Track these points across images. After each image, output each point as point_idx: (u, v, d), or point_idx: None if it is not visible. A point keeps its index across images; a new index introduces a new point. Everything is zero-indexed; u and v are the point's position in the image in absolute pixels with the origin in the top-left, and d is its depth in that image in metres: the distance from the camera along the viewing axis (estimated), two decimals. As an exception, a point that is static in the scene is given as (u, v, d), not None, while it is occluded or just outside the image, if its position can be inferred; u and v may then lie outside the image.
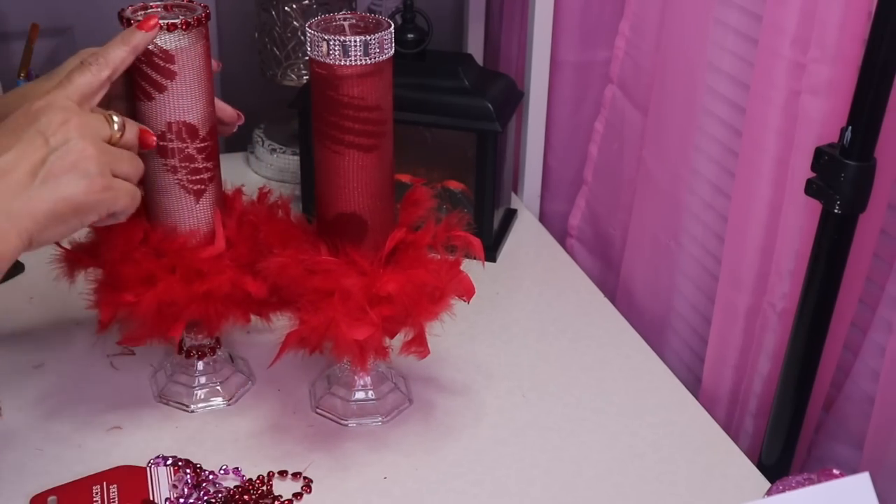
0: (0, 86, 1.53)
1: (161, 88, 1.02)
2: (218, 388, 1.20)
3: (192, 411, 1.18)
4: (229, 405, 1.19)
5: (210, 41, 1.05)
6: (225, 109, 1.12)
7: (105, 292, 1.08)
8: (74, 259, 1.12)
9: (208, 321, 1.10)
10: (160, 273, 1.06)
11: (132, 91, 1.04)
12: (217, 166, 1.10)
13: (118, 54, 0.98)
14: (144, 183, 1.06)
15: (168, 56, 1.01)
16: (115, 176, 0.94)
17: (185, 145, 1.05)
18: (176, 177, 1.06)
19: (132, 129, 0.97)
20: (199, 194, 1.08)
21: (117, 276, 1.07)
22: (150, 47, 1.00)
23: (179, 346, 1.19)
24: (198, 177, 1.07)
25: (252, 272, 1.08)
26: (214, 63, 1.08)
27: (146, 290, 1.06)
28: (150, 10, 1.03)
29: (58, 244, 1.10)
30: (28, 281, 1.38)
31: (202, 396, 1.19)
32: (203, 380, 1.19)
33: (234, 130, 1.15)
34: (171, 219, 1.08)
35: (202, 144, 1.06)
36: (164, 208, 1.08)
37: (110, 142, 0.95)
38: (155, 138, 1.02)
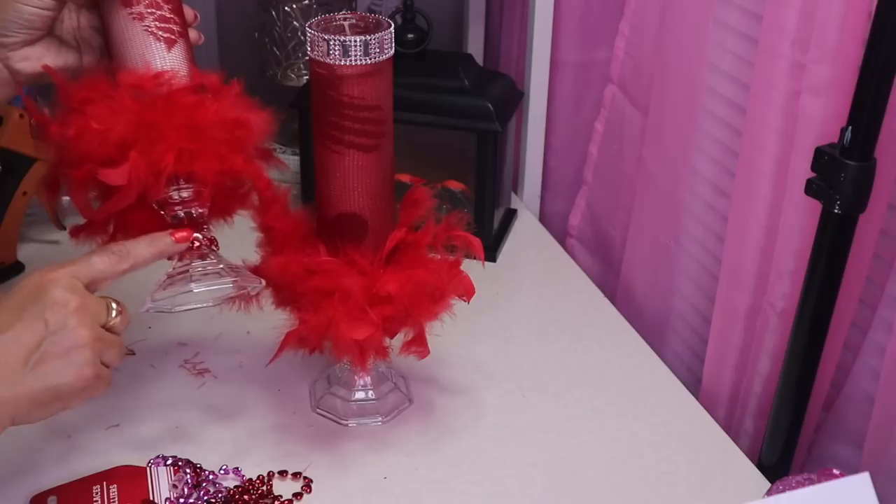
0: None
1: None
2: (192, 287, 1.06)
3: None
4: (214, 304, 1.08)
5: None
6: (186, 10, 1.05)
7: (65, 115, 0.98)
8: (46, 123, 1.01)
9: (200, 161, 0.99)
10: (134, 105, 0.97)
11: None
12: (184, 35, 1.03)
13: (142, 253, 0.98)
14: (113, 44, 1.01)
15: None
16: (101, 363, 0.93)
17: None
18: (143, 24, 1.00)
19: (124, 319, 0.96)
20: (170, 43, 1.02)
21: (83, 111, 0.97)
22: None
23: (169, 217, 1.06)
24: (166, 25, 1.01)
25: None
26: (190, 13, 1.04)
27: (120, 117, 0.96)
28: None
29: (29, 102, 1.04)
30: (28, 281, 1.38)
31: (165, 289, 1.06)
32: (198, 270, 1.06)
33: (195, 39, 1.06)
34: (140, 66, 1.01)
35: None
36: (133, 58, 1.01)
37: (105, 327, 0.94)
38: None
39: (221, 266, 1.07)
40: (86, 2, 1.03)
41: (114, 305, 0.95)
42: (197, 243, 1.04)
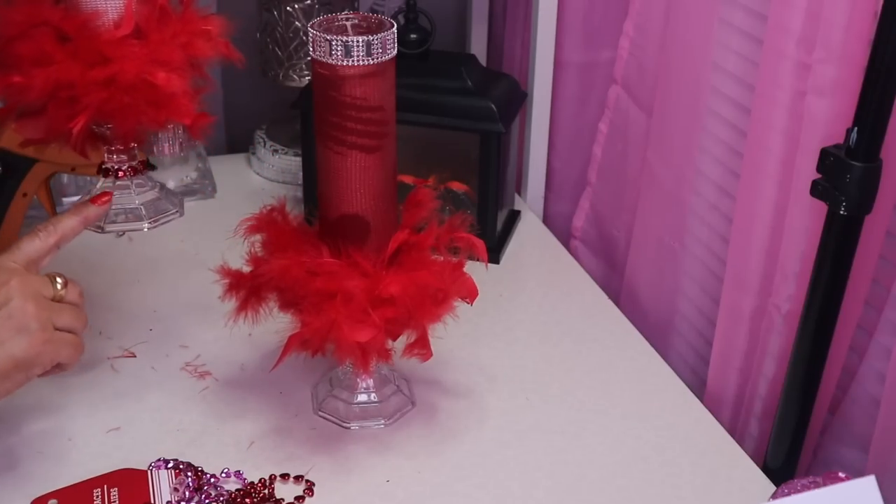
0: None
1: None
2: (139, 207, 1.12)
3: (106, 231, 1.11)
4: (150, 227, 1.12)
5: None
6: None
7: None
8: None
9: (115, 117, 1.01)
10: (58, 55, 0.98)
11: None
12: None
13: (68, 223, 1.04)
14: None
15: None
16: (57, 329, 0.97)
17: None
18: None
19: (74, 287, 1.01)
20: None
21: (13, 55, 0.98)
22: None
23: (100, 167, 1.11)
24: None
25: (165, 68, 1.01)
26: None
27: (41, 70, 0.97)
28: None
29: None
30: (29, 283, 1.38)
31: (116, 212, 1.11)
32: (124, 199, 1.12)
33: None
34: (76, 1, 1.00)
35: None
36: None
37: (53, 299, 0.98)
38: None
39: (153, 190, 1.13)
40: None
41: (58, 279, 1.00)
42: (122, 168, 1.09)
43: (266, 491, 1.06)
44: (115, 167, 1.11)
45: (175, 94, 1.02)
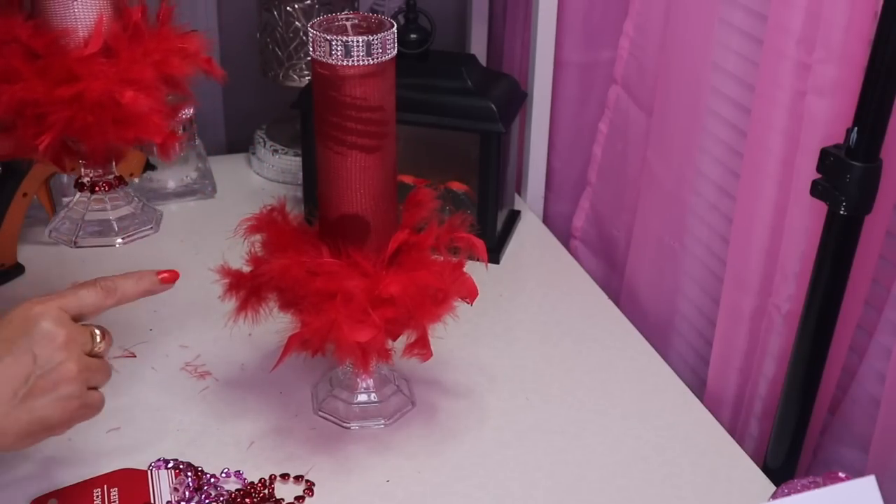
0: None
1: None
2: (112, 222, 1.14)
3: (79, 245, 1.13)
4: (122, 243, 1.14)
5: None
6: None
7: None
8: None
9: (81, 135, 1.02)
10: (26, 72, 0.98)
11: None
12: None
13: (129, 290, 0.99)
14: None
15: None
16: (90, 388, 0.95)
17: None
18: None
19: (108, 340, 0.97)
20: None
21: None
22: None
23: (77, 181, 1.13)
24: None
25: (134, 86, 1.00)
26: None
27: (7, 87, 0.98)
28: None
29: None
30: (28, 283, 1.38)
31: (90, 226, 1.13)
32: (95, 214, 1.13)
33: None
34: (46, 14, 1.01)
35: None
36: (39, 2, 1.01)
37: (91, 354, 0.95)
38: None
39: (129, 205, 1.14)
40: None
41: (97, 332, 0.96)
42: (97, 182, 1.10)
43: (266, 491, 1.06)
44: (90, 181, 1.12)
45: (143, 114, 1.01)
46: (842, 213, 1.01)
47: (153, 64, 1.03)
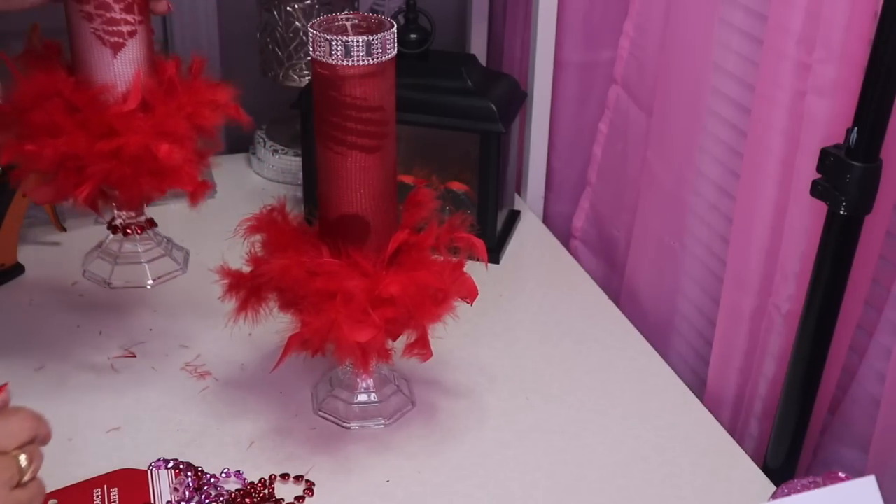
0: (0, 87, 1.52)
1: None
2: (144, 264, 1.19)
3: (113, 287, 1.18)
4: (153, 285, 1.19)
5: None
6: None
7: (13, 141, 1.05)
8: None
9: (119, 185, 1.06)
10: (68, 126, 1.03)
11: None
12: (143, 23, 1.06)
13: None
14: (69, 33, 1.05)
15: None
16: None
17: None
18: (91, 25, 1.03)
19: (39, 459, 0.85)
20: (116, 48, 1.04)
21: (26, 125, 1.04)
22: None
23: (109, 223, 1.17)
24: (115, 28, 1.04)
25: (169, 139, 1.05)
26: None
27: (50, 140, 1.03)
28: None
29: None
30: (28, 283, 1.38)
31: (123, 268, 1.18)
32: (131, 256, 1.18)
33: (163, 10, 1.09)
34: (86, 71, 1.06)
35: None
36: (80, 59, 1.05)
37: (20, 484, 0.83)
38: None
39: (159, 246, 1.19)
40: None
41: (22, 459, 0.84)
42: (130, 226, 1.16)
43: (266, 491, 1.06)
44: (123, 224, 1.17)
45: (177, 165, 1.05)
46: (842, 213, 1.01)
47: (186, 116, 1.07)
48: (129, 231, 1.17)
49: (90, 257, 1.21)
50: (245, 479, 1.08)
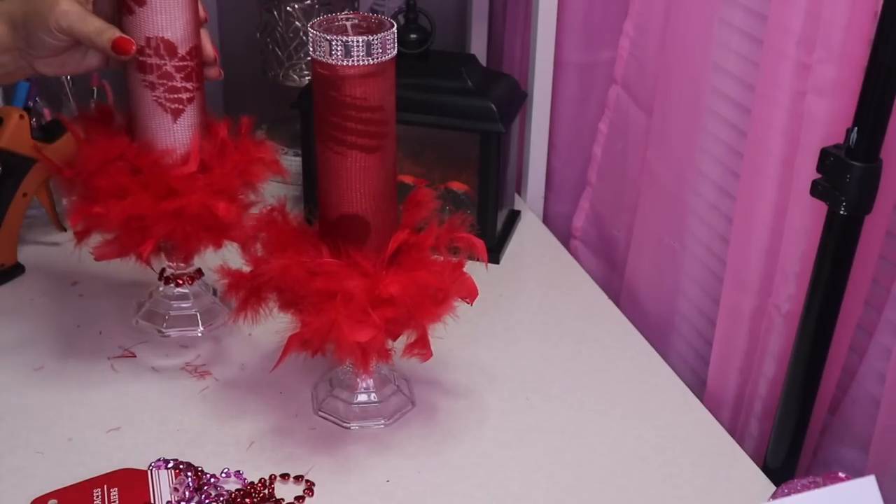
0: (0, 87, 1.53)
1: (140, 2, 1.06)
2: (195, 315, 1.25)
3: (166, 335, 1.24)
4: (203, 332, 1.24)
5: None
6: (206, 46, 1.13)
7: (79, 203, 1.12)
8: (57, 171, 1.15)
9: (179, 242, 1.12)
10: (132, 188, 1.09)
11: (119, 5, 1.08)
12: (199, 89, 1.12)
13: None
14: (129, 100, 1.11)
15: None
16: None
17: (162, 62, 1.08)
18: (154, 94, 1.09)
19: None
20: (176, 114, 1.10)
21: (92, 188, 1.10)
22: None
23: (160, 273, 1.23)
24: (175, 96, 1.10)
25: (225, 197, 1.11)
26: (202, 10, 1.11)
27: (116, 203, 1.09)
28: None
29: (44, 156, 1.19)
30: (29, 283, 1.38)
31: (175, 317, 1.24)
32: (182, 304, 1.24)
33: (215, 76, 1.16)
34: (148, 136, 1.11)
35: (181, 63, 1.09)
36: (142, 125, 1.11)
37: None
38: (134, 46, 1.05)
39: (208, 294, 1.25)
40: (104, 55, 1.10)
41: None
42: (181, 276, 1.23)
43: (266, 491, 1.06)
44: (175, 275, 1.23)
45: (233, 221, 1.12)
46: (842, 213, 1.01)
47: (239, 174, 1.14)
48: (180, 281, 1.23)
49: (142, 306, 1.27)
50: (245, 479, 1.08)
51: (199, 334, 1.24)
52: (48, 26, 1.05)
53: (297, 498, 1.06)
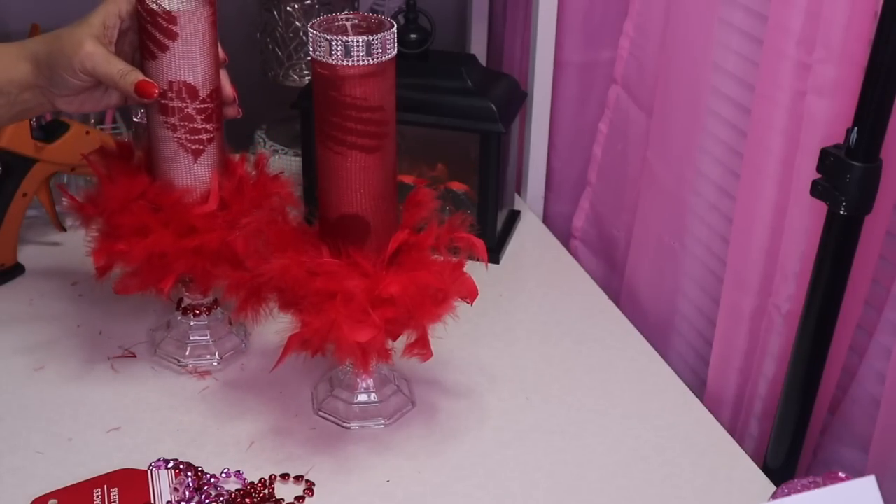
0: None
1: (163, 48, 1.07)
2: (210, 344, 1.24)
3: (185, 366, 1.22)
4: (219, 363, 1.23)
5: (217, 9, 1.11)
6: (225, 87, 1.15)
7: (101, 240, 1.13)
8: (80, 208, 1.17)
9: (199, 277, 1.14)
10: (154, 225, 1.11)
11: (141, 50, 1.10)
12: (219, 129, 1.14)
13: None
14: (150, 141, 1.13)
15: (171, 17, 1.06)
16: None
17: (184, 105, 1.09)
18: (175, 135, 1.11)
19: None
20: (197, 154, 1.12)
21: (114, 225, 1.12)
22: (155, 7, 1.05)
23: (178, 304, 1.24)
24: (196, 137, 1.11)
25: (242, 231, 1.12)
26: (222, 53, 1.14)
27: (139, 240, 1.11)
28: None
29: (67, 193, 1.18)
30: (28, 283, 1.38)
31: (194, 353, 1.23)
32: (196, 336, 1.24)
33: (234, 114, 1.18)
34: (169, 175, 1.13)
35: (202, 106, 1.10)
36: (163, 165, 1.13)
37: None
38: (157, 89, 1.07)
39: (223, 323, 1.25)
40: (122, 95, 1.12)
41: None
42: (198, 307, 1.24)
43: (266, 491, 1.06)
44: (192, 306, 1.24)
45: (248, 256, 1.11)
46: (842, 213, 1.01)
47: (256, 209, 1.15)
48: (197, 312, 1.24)
49: (158, 335, 1.26)
50: (245, 479, 1.08)
51: (216, 364, 1.23)
52: (73, 67, 1.06)
53: (297, 498, 1.06)
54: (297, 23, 1.60)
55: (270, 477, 1.08)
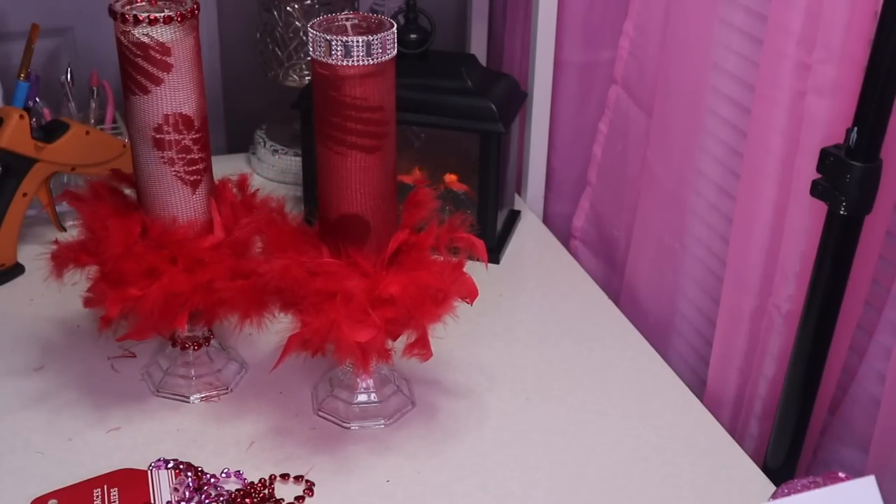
0: (0, 87, 1.53)
1: (157, 81, 1.04)
2: (217, 376, 1.21)
3: (191, 402, 1.19)
4: (225, 394, 1.20)
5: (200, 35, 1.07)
6: None
7: (108, 288, 1.08)
8: (69, 257, 1.12)
9: (210, 310, 1.11)
10: (162, 265, 1.07)
11: (124, 88, 1.06)
12: (209, 156, 1.11)
13: None
14: (141, 178, 1.09)
15: (164, 49, 1.03)
16: None
17: (181, 137, 1.07)
18: (173, 169, 1.08)
19: None
20: (195, 185, 1.09)
21: (120, 271, 1.07)
22: (147, 41, 1.02)
23: (172, 338, 1.20)
24: (194, 167, 1.09)
25: (246, 257, 1.11)
26: None
27: (151, 283, 1.07)
28: (137, 5, 1.04)
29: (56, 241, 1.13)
30: (28, 283, 1.38)
31: (200, 386, 1.20)
32: (201, 370, 1.21)
33: None
34: (169, 210, 1.09)
35: (197, 135, 1.08)
36: (161, 201, 1.09)
37: None
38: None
39: (211, 362, 1.22)
40: None
41: None
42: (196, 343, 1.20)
43: (266, 491, 1.06)
44: (192, 339, 1.20)
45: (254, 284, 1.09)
46: (842, 213, 1.01)
47: (254, 231, 1.12)
48: (197, 346, 1.20)
49: (155, 374, 1.22)
50: (245, 479, 1.08)
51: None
52: None
53: (297, 498, 1.06)
54: (297, 23, 1.60)
55: (270, 477, 1.08)
